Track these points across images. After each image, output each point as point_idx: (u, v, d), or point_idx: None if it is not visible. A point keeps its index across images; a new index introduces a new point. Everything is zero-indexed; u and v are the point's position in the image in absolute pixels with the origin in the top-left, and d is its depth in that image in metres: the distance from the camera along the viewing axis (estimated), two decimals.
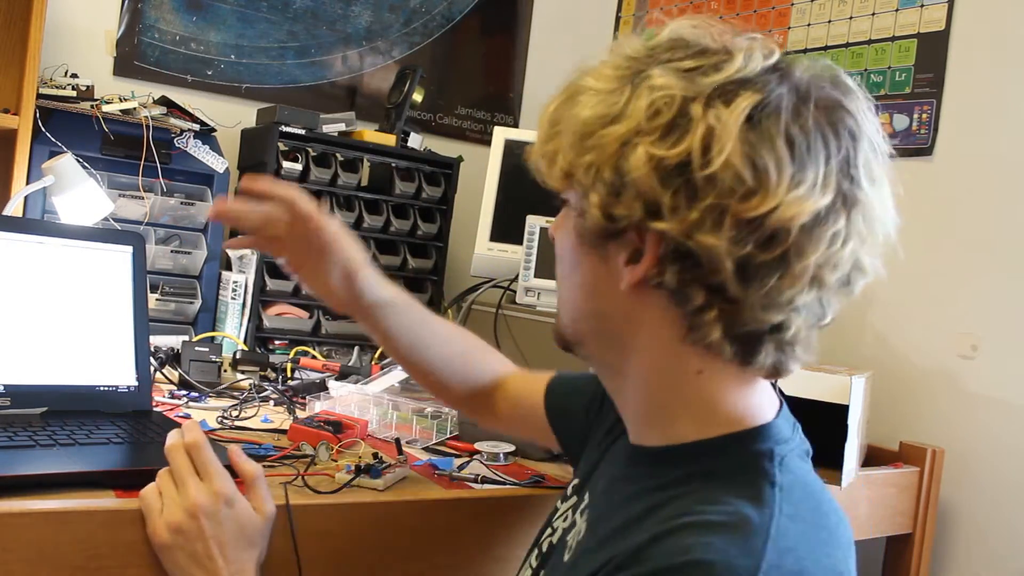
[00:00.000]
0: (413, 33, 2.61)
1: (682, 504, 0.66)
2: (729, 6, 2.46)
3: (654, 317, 0.70)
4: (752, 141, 0.64)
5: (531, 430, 1.10)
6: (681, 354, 0.71)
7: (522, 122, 2.81)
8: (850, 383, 1.48)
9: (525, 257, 1.93)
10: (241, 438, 1.20)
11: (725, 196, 0.63)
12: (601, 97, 0.69)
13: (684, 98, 0.65)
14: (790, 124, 0.64)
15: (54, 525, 0.82)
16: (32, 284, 1.17)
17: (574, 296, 0.77)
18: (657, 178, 0.64)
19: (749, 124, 0.64)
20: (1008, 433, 1.80)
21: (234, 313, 2.04)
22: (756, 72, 0.66)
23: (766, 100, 0.65)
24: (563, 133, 0.71)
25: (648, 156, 0.64)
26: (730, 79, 0.65)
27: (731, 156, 0.63)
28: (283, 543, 0.92)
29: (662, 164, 0.64)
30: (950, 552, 1.87)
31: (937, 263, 1.93)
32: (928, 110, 1.98)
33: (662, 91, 0.65)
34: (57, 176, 1.72)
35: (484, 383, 1.12)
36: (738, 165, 0.63)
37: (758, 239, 0.64)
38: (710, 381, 0.72)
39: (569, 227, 0.74)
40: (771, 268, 0.65)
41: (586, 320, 0.77)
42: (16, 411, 1.10)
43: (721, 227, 0.64)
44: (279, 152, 2.10)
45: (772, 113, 0.65)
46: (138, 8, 2.21)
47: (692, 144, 0.64)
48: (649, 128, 0.65)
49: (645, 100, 0.66)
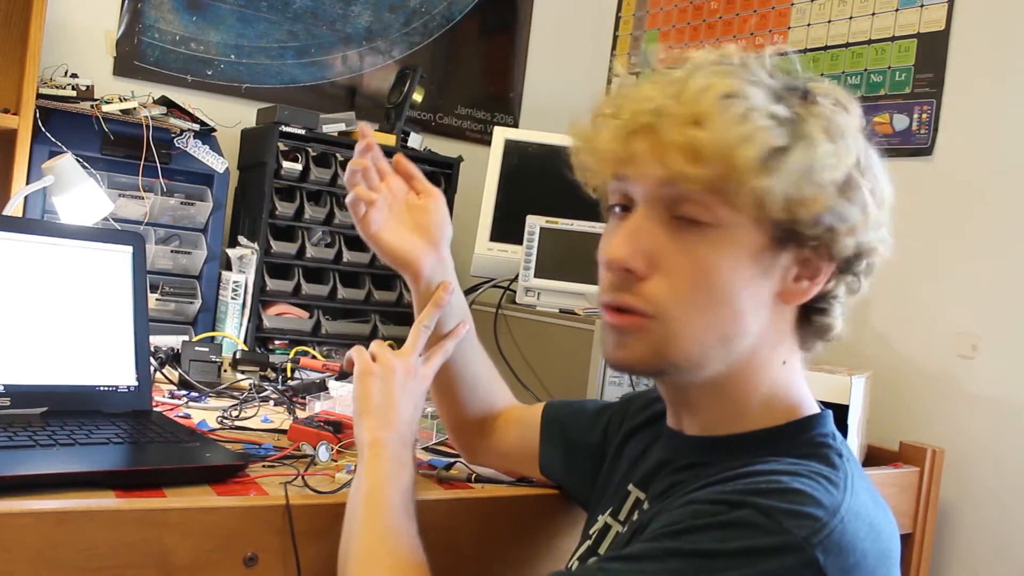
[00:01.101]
0: (413, 33, 2.61)
1: (762, 464, 0.73)
2: (729, 6, 2.46)
3: (785, 318, 0.78)
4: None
5: (519, 453, 1.11)
6: (783, 347, 0.79)
7: (522, 122, 2.81)
8: (850, 383, 1.48)
9: (525, 257, 1.93)
10: (241, 438, 1.20)
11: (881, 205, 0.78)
12: (831, 126, 0.75)
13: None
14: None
15: (54, 525, 0.82)
16: (32, 284, 1.17)
17: (720, 322, 0.75)
18: (870, 201, 0.77)
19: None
20: (1008, 433, 1.80)
21: (234, 313, 2.04)
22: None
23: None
24: (783, 157, 0.72)
25: (862, 186, 0.76)
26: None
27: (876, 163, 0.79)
28: (283, 543, 0.92)
29: (872, 193, 0.77)
30: (950, 552, 1.87)
31: (937, 263, 1.93)
32: (928, 110, 1.98)
33: (850, 126, 0.76)
34: (57, 176, 1.72)
35: (496, 410, 1.15)
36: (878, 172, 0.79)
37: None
38: (789, 371, 0.80)
39: (734, 251, 0.74)
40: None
41: (726, 343, 0.76)
42: (16, 411, 1.10)
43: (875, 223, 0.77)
44: (279, 152, 2.10)
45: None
46: (138, 8, 2.21)
47: (875, 182, 0.78)
48: (857, 164, 0.75)
49: (846, 135, 0.75)
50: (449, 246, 1.10)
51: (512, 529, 1.09)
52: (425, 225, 1.08)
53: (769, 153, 0.70)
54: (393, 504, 0.89)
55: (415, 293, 1.07)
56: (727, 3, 2.46)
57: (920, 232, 1.98)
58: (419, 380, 1.02)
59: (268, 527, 0.92)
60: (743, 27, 2.41)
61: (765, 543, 0.65)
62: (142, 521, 0.85)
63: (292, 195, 2.13)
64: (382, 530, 0.87)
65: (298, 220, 2.13)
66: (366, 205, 1.03)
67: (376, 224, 1.04)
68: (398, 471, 0.93)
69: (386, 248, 1.05)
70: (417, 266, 1.05)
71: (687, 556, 0.66)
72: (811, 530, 0.65)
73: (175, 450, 1.06)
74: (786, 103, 0.73)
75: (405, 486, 0.92)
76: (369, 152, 1.06)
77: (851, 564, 0.66)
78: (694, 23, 2.55)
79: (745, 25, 2.41)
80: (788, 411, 0.79)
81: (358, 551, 0.86)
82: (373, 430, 0.96)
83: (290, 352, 2.00)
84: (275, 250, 2.10)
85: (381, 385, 1.00)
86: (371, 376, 1.00)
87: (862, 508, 0.70)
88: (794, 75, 0.77)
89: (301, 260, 2.13)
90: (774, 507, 0.66)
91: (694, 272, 0.74)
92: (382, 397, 0.99)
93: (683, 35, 2.58)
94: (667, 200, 0.74)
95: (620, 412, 1.02)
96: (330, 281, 2.17)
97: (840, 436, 0.79)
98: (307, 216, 2.13)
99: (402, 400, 0.99)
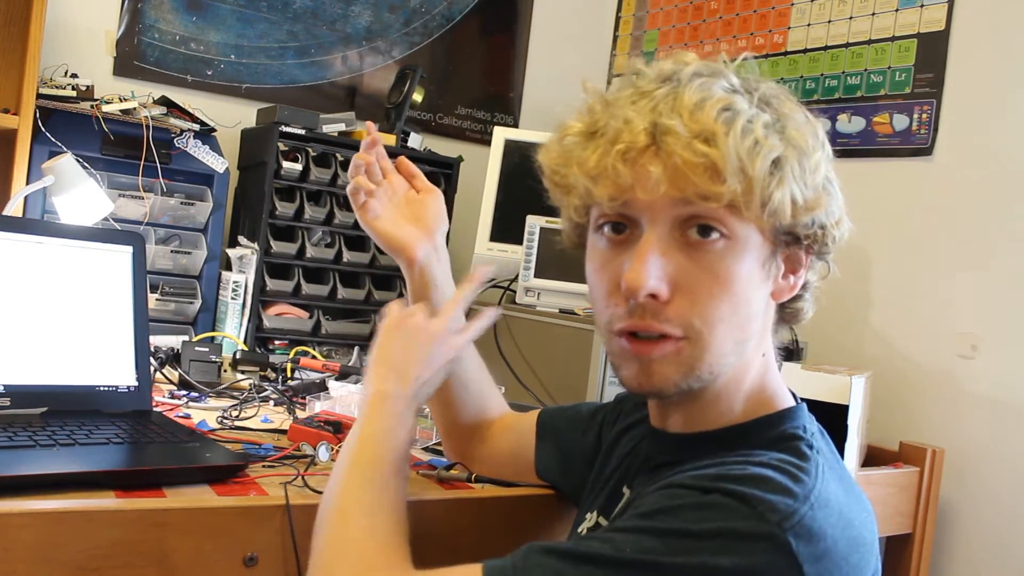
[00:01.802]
0: (413, 33, 2.61)
1: (734, 458, 0.75)
2: (729, 6, 2.46)
3: (771, 314, 0.82)
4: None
5: (513, 459, 1.11)
6: (765, 340, 0.82)
7: (522, 122, 2.81)
8: (850, 383, 1.48)
9: (525, 257, 1.93)
10: (241, 438, 1.20)
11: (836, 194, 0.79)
12: (800, 126, 0.77)
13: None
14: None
15: (54, 525, 0.82)
16: (32, 284, 1.17)
17: (735, 331, 0.76)
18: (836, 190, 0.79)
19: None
20: (1008, 433, 1.80)
21: (234, 313, 2.04)
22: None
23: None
24: (784, 165, 0.73)
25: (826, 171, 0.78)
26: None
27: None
28: (283, 543, 0.92)
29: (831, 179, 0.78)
30: (950, 552, 1.87)
31: (937, 263, 1.93)
32: (928, 110, 1.98)
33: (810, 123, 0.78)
34: (57, 176, 1.72)
35: (490, 417, 1.14)
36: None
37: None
38: (766, 363, 0.82)
39: (745, 259, 0.75)
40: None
41: (741, 347, 0.78)
42: (16, 411, 1.10)
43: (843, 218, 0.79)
44: (279, 152, 2.10)
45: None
46: (138, 8, 2.21)
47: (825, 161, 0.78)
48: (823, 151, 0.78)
49: (799, 129, 0.76)
50: (445, 239, 1.13)
51: (512, 529, 1.09)
52: (421, 217, 1.11)
53: (774, 163, 0.72)
54: (382, 458, 0.87)
55: (409, 280, 1.10)
56: (727, 3, 2.46)
57: (920, 232, 1.98)
58: (448, 347, 0.97)
59: (268, 527, 0.92)
60: (743, 27, 2.41)
61: (739, 527, 0.66)
62: (142, 521, 0.85)
63: (292, 195, 2.13)
64: (364, 482, 0.84)
65: (298, 220, 2.14)
66: (366, 195, 1.07)
67: (374, 212, 1.08)
68: (395, 427, 0.90)
69: (382, 233, 1.09)
70: (412, 252, 1.08)
71: (661, 535, 0.68)
72: (782, 515, 0.67)
73: (175, 450, 1.06)
74: (764, 109, 0.75)
75: (400, 442, 0.89)
76: (374, 148, 1.10)
77: (822, 550, 0.67)
78: (694, 23, 2.55)
79: (745, 25, 2.41)
80: (764, 404, 0.81)
81: (335, 502, 0.84)
82: (382, 381, 0.94)
83: (290, 352, 2.00)
84: (275, 250, 2.10)
85: (404, 342, 0.96)
86: (397, 330, 0.97)
87: (832, 497, 0.71)
88: (751, 78, 0.78)
89: (301, 260, 2.14)
90: (747, 493, 0.67)
91: (713, 287, 0.74)
92: (402, 353, 0.95)
93: (683, 35, 2.58)
94: (680, 219, 0.74)
95: (613, 412, 1.03)
96: (330, 281, 2.17)
97: (814, 428, 0.81)
98: (307, 216, 2.13)
99: (422, 361, 0.95)
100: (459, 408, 1.13)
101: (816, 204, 0.75)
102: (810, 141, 0.76)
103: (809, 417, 0.83)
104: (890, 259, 2.01)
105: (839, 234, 0.80)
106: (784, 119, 0.75)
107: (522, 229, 1.94)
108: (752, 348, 0.80)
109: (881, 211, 2.02)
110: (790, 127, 0.75)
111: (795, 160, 0.74)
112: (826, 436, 0.83)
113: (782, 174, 0.73)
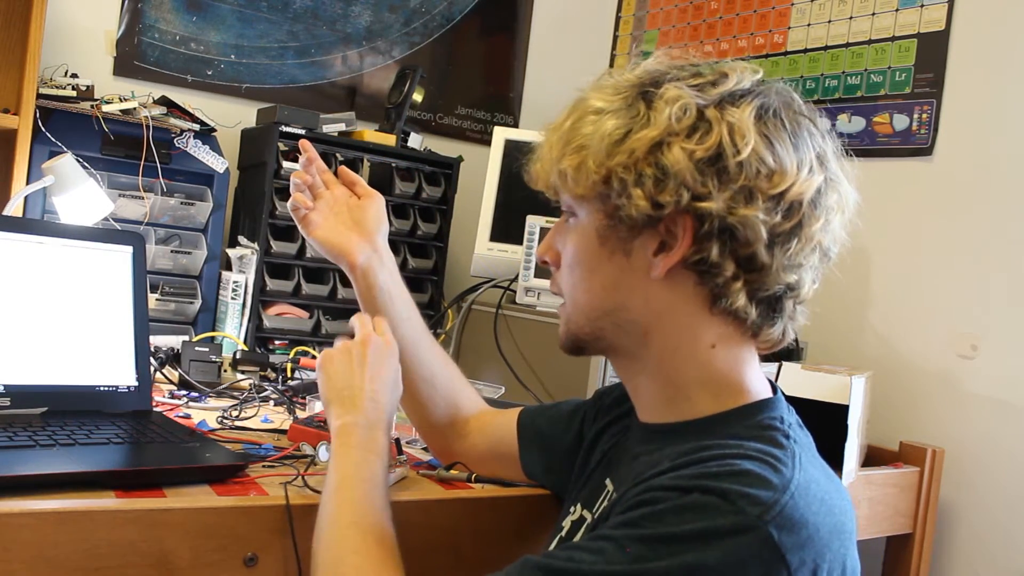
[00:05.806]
0: (413, 33, 2.61)
1: (712, 449, 0.76)
2: (729, 6, 2.46)
3: (680, 296, 0.81)
4: (765, 133, 0.79)
5: (496, 458, 1.12)
6: (700, 329, 0.82)
7: (522, 122, 2.81)
8: (850, 383, 1.48)
9: (525, 257, 1.93)
10: (241, 438, 1.20)
11: (753, 178, 0.77)
12: (619, 113, 0.81)
13: (699, 105, 0.79)
14: (785, 122, 0.80)
15: (54, 525, 0.82)
16: (32, 284, 1.17)
17: (593, 297, 0.85)
18: (695, 168, 0.77)
19: (759, 121, 0.79)
20: (1008, 433, 1.80)
21: (234, 313, 2.04)
22: (749, 85, 0.81)
23: (765, 104, 0.80)
24: (588, 146, 0.81)
25: (684, 151, 0.77)
26: (731, 90, 0.80)
27: (755, 146, 0.77)
28: (283, 543, 0.92)
29: (695, 156, 0.77)
30: (950, 552, 1.87)
31: (937, 263, 1.93)
32: (928, 110, 1.98)
33: (679, 101, 0.78)
34: (57, 176, 1.72)
35: (466, 413, 1.16)
36: (761, 152, 0.78)
37: (782, 211, 0.78)
38: (723, 355, 0.82)
39: (585, 234, 0.84)
40: (790, 235, 0.79)
41: (608, 315, 0.85)
42: (16, 411, 1.10)
43: (754, 202, 0.77)
44: (279, 152, 2.10)
45: (772, 113, 0.80)
46: (138, 8, 2.21)
47: (720, 138, 0.77)
48: (678, 129, 0.78)
49: (665, 110, 0.78)
50: (386, 240, 1.18)
51: (512, 529, 1.10)
52: (361, 221, 1.16)
53: (575, 149, 0.84)
54: (358, 498, 0.88)
55: (355, 285, 1.16)
56: (727, 3, 2.46)
57: (920, 232, 1.98)
58: (378, 349, 1.01)
59: (268, 527, 0.92)
60: (743, 27, 2.41)
61: (721, 524, 0.68)
62: (142, 521, 0.85)
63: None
64: (346, 525, 0.86)
65: None
66: (305, 209, 1.14)
67: (314, 224, 1.15)
68: (365, 457, 0.92)
69: (322, 241, 1.14)
70: (352, 256, 1.13)
71: (648, 542, 0.69)
72: (763, 508, 0.68)
73: (175, 450, 1.06)
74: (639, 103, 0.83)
75: (373, 474, 0.91)
76: (311, 166, 1.17)
77: (804, 538, 0.69)
78: (694, 23, 2.55)
79: (745, 25, 2.41)
80: (734, 396, 0.83)
81: (325, 548, 0.85)
82: (336, 418, 0.97)
83: (290, 352, 2.00)
84: (275, 250, 2.10)
85: (340, 367, 1.00)
86: (329, 361, 1.02)
87: (812, 484, 0.73)
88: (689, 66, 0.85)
89: (301, 260, 2.14)
90: (727, 489, 0.69)
91: (569, 258, 0.87)
92: (343, 379, 0.99)
93: (683, 35, 2.58)
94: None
95: (593, 407, 1.05)
96: (330, 281, 2.17)
97: (791, 419, 0.83)
98: None
99: (364, 377, 0.98)
100: (431, 406, 1.15)
101: (611, 171, 0.79)
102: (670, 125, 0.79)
103: (788, 409, 0.84)
104: (890, 259, 2.01)
105: (673, 200, 0.78)
106: (655, 111, 0.80)
107: (522, 229, 1.94)
108: (668, 332, 0.82)
109: (881, 211, 2.02)
110: (665, 104, 0.79)
111: (611, 135, 0.79)
112: (804, 428, 0.84)
113: (581, 146, 0.81)
